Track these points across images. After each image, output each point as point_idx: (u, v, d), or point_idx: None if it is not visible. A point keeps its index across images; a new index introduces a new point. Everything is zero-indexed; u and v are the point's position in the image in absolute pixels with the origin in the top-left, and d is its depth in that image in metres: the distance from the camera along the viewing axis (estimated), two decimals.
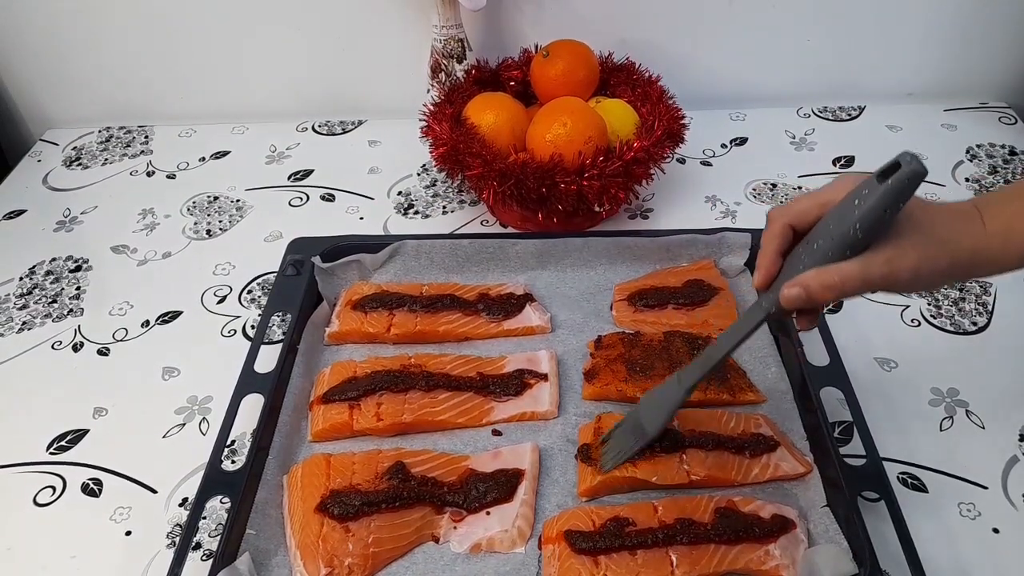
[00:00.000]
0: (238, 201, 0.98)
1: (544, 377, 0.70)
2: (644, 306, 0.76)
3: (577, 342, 0.74)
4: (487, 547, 0.59)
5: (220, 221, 0.95)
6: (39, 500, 0.66)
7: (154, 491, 0.66)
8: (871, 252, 0.47)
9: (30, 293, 0.86)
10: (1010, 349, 0.75)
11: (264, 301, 0.83)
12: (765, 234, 0.53)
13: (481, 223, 0.92)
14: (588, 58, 0.90)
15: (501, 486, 0.61)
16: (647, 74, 0.92)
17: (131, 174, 1.03)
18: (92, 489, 0.67)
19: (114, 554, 0.62)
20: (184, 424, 0.71)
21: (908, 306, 0.79)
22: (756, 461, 0.62)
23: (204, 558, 0.61)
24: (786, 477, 0.62)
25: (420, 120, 0.88)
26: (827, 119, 1.07)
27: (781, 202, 0.93)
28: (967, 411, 0.69)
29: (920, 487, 0.64)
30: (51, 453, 0.70)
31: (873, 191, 0.45)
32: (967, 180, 0.95)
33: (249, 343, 0.73)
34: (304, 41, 1.04)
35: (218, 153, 1.06)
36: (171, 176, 1.03)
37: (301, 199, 0.97)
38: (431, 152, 0.85)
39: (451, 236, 0.89)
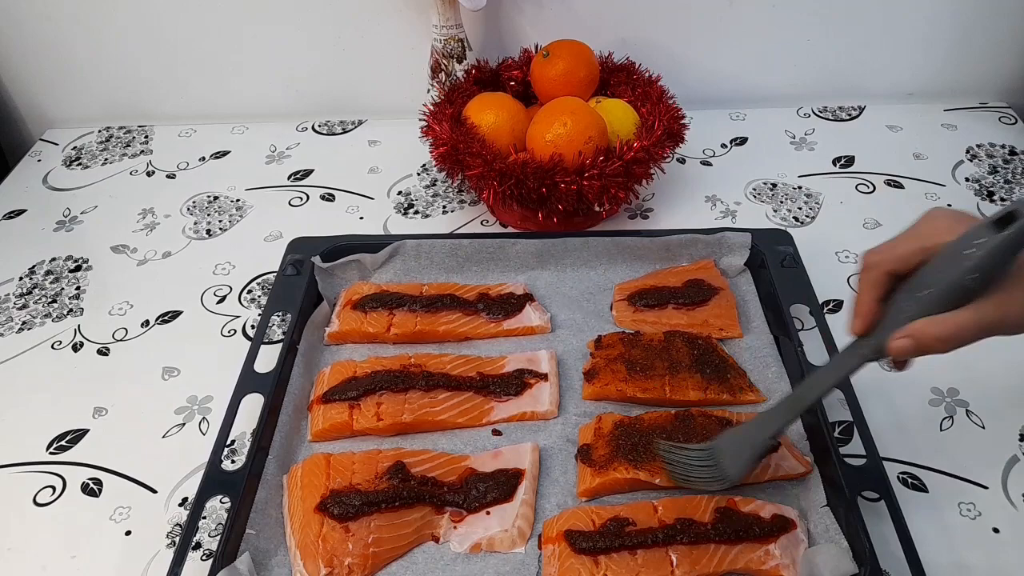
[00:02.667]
0: (238, 201, 0.98)
1: (544, 377, 0.70)
2: (644, 306, 0.76)
3: (577, 342, 0.74)
4: (487, 547, 0.59)
5: (220, 221, 0.95)
6: (39, 500, 0.66)
7: (154, 491, 0.66)
8: (983, 300, 0.47)
9: (30, 293, 0.86)
10: (1010, 349, 0.74)
11: (264, 301, 0.83)
12: (863, 279, 0.52)
13: (481, 223, 0.92)
14: (588, 58, 0.90)
15: (501, 486, 0.61)
16: (647, 74, 0.92)
17: (131, 174, 1.03)
18: (92, 489, 0.67)
19: (114, 554, 0.62)
20: (184, 424, 0.71)
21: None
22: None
23: (204, 558, 0.61)
24: (786, 477, 0.62)
25: (420, 120, 0.88)
26: (827, 119, 1.07)
27: (781, 202, 0.93)
28: (967, 411, 0.69)
29: (920, 487, 0.64)
30: (51, 453, 0.70)
31: (991, 240, 0.45)
32: (967, 180, 0.95)
33: (249, 343, 0.73)
34: (304, 41, 1.04)
35: (218, 153, 1.06)
36: (171, 176, 1.03)
37: (301, 199, 0.97)
38: (431, 152, 0.85)
39: (451, 236, 0.89)
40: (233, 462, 0.67)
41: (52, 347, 0.79)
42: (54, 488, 0.67)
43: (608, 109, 0.86)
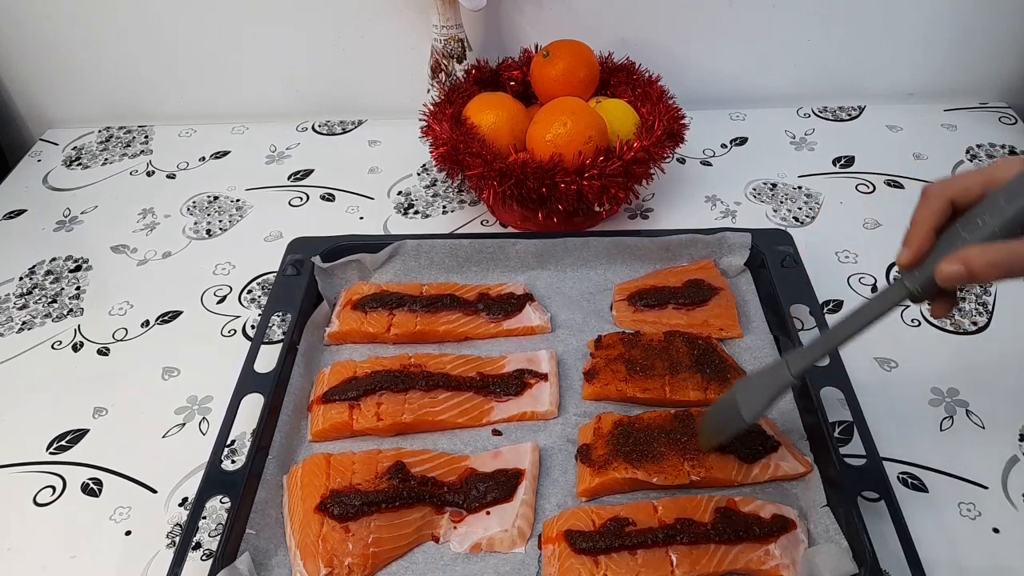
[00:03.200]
0: (238, 201, 0.98)
1: (544, 377, 0.70)
2: (644, 306, 0.76)
3: (577, 342, 0.74)
4: (487, 547, 0.59)
5: (220, 221, 0.95)
6: (39, 500, 0.66)
7: (154, 491, 0.66)
8: None
9: (30, 293, 0.86)
10: (1010, 349, 0.75)
11: (264, 301, 0.83)
12: (920, 209, 0.49)
13: (481, 223, 0.92)
14: (588, 58, 0.90)
15: (501, 486, 0.61)
16: (647, 74, 0.92)
17: (131, 174, 1.03)
18: (92, 489, 0.67)
19: (114, 554, 0.62)
20: (184, 424, 0.71)
21: (908, 306, 0.79)
22: (756, 461, 0.62)
23: (204, 558, 0.61)
24: (786, 477, 0.62)
25: (420, 120, 0.88)
26: (827, 119, 1.07)
27: (781, 202, 0.93)
28: (967, 411, 0.69)
29: (920, 487, 0.64)
30: (51, 453, 0.70)
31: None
32: None
33: (249, 343, 0.73)
34: (304, 41, 1.04)
35: (218, 153, 1.06)
36: (171, 176, 1.03)
37: (301, 199, 0.97)
38: (431, 152, 0.85)
39: (451, 236, 0.89)
40: (233, 462, 0.67)
41: (52, 347, 0.79)
42: (54, 488, 0.67)
43: (608, 109, 0.86)
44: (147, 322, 0.82)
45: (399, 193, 0.97)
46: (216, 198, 0.98)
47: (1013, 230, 0.45)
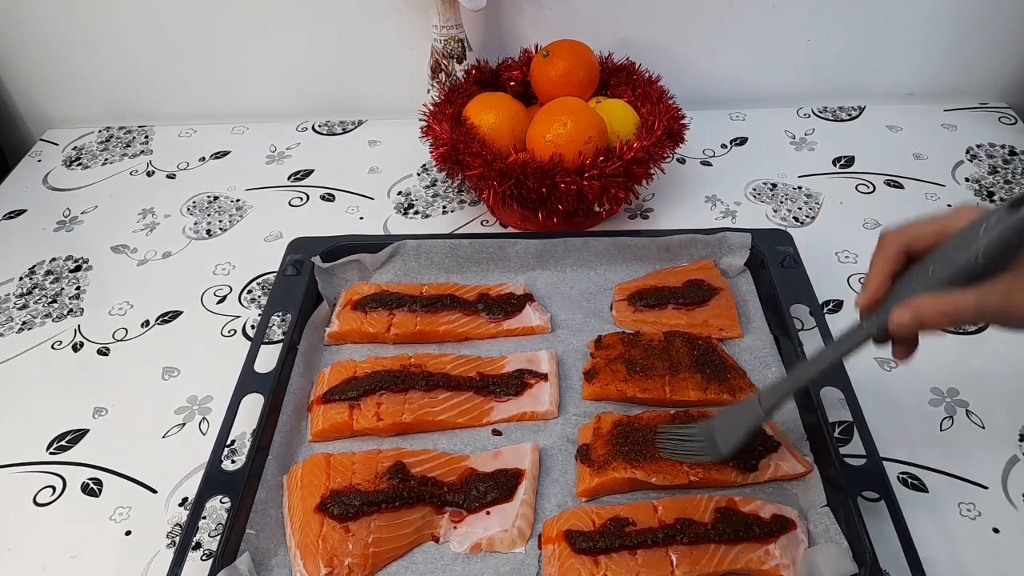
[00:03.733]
0: (238, 201, 0.98)
1: (544, 377, 0.70)
2: (644, 306, 0.76)
3: (577, 342, 0.74)
4: (487, 547, 0.59)
5: (220, 221, 0.95)
6: (39, 500, 0.66)
7: (154, 491, 0.66)
8: (989, 283, 0.46)
9: (30, 293, 0.86)
10: (1010, 349, 0.75)
11: (264, 301, 0.83)
12: (877, 255, 0.51)
13: (481, 223, 0.92)
14: (588, 58, 0.90)
15: (501, 486, 0.61)
16: (647, 74, 0.92)
17: (131, 174, 1.03)
18: (92, 489, 0.67)
19: (114, 554, 0.62)
20: (184, 424, 0.71)
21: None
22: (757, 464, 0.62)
23: (204, 558, 0.61)
24: (786, 477, 0.62)
25: (420, 120, 0.88)
26: (827, 119, 1.07)
27: (781, 202, 0.93)
28: (967, 411, 0.69)
29: (920, 487, 0.64)
30: (51, 453, 0.70)
31: (1002, 220, 0.44)
32: (967, 180, 0.95)
33: (249, 343, 0.73)
34: (304, 41, 1.04)
35: (218, 153, 1.06)
36: (171, 176, 1.03)
37: (301, 199, 0.97)
38: (431, 152, 0.85)
39: (451, 236, 0.89)
40: (233, 462, 0.67)
41: (52, 347, 0.79)
42: (54, 488, 0.67)
43: (608, 109, 0.86)
44: (147, 322, 0.82)
45: (399, 193, 0.97)
46: (216, 198, 0.98)
47: (961, 279, 0.46)
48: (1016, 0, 0.99)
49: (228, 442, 0.65)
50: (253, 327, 0.80)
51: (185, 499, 0.65)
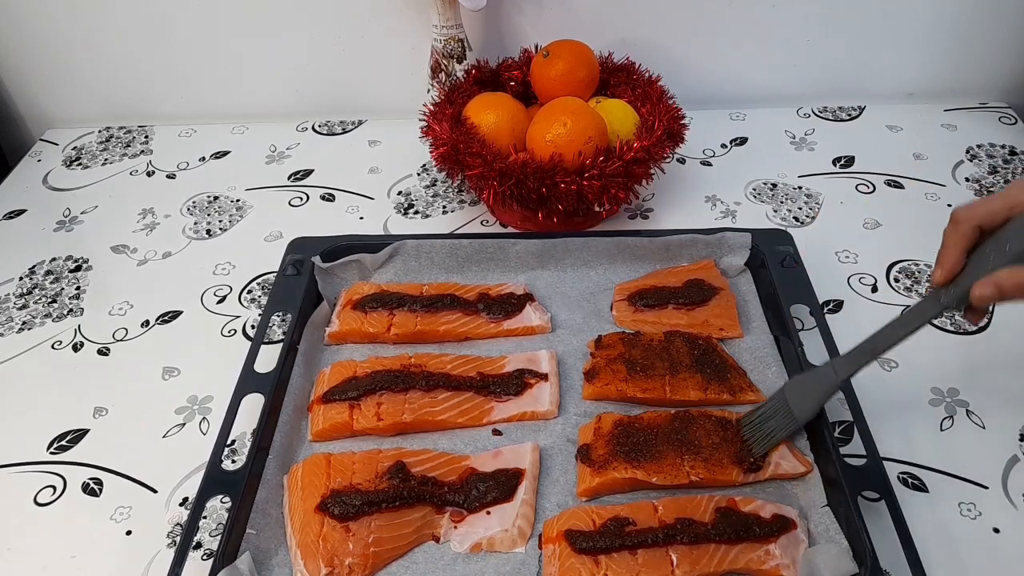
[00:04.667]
0: (238, 201, 0.98)
1: (544, 377, 0.70)
2: (644, 306, 0.76)
3: (577, 342, 0.74)
4: (487, 547, 0.59)
5: (220, 221, 0.95)
6: (39, 500, 0.66)
7: (154, 491, 0.66)
8: None
9: (30, 293, 0.86)
10: (1011, 349, 0.75)
11: (264, 301, 0.83)
12: (950, 233, 0.55)
13: (481, 223, 0.92)
14: (588, 58, 0.90)
15: (501, 486, 0.61)
16: (647, 74, 0.92)
17: (131, 174, 1.03)
18: (92, 489, 0.67)
19: (114, 554, 0.62)
20: (184, 424, 0.71)
21: (908, 306, 0.79)
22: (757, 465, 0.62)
23: (204, 558, 0.61)
24: (786, 477, 0.62)
25: (420, 120, 0.88)
26: (827, 119, 1.07)
27: (781, 202, 0.93)
28: (967, 411, 0.69)
29: (920, 487, 0.64)
30: (51, 453, 0.70)
31: None
32: (967, 180, 0.95)
33: (249, 343, 0.73)
34: (304, 41, 1.04)
35: (218, 153, 1.06)
36: (171, 176, 1.03)
37: (301, 199, 0.97)
38: (431, 152, 0.85)
39: (451, 236, 0.89)
40: (233, 462, 0.67)
41: (52, 347, 0.79)
42: (54, 488, 0.67)
43: (608, 109, 0.86)
44: (147, 322, 0.82)
45: (399, 193, 0.97)
46: (216, 198, 0.98)
47: None
48: (1016, 0, 0.99)
49: (228, 442, 0.65)
50: (253, 327, 0.80)
51: (186, 499, 0.65)
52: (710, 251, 0.80)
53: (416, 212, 0.94)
